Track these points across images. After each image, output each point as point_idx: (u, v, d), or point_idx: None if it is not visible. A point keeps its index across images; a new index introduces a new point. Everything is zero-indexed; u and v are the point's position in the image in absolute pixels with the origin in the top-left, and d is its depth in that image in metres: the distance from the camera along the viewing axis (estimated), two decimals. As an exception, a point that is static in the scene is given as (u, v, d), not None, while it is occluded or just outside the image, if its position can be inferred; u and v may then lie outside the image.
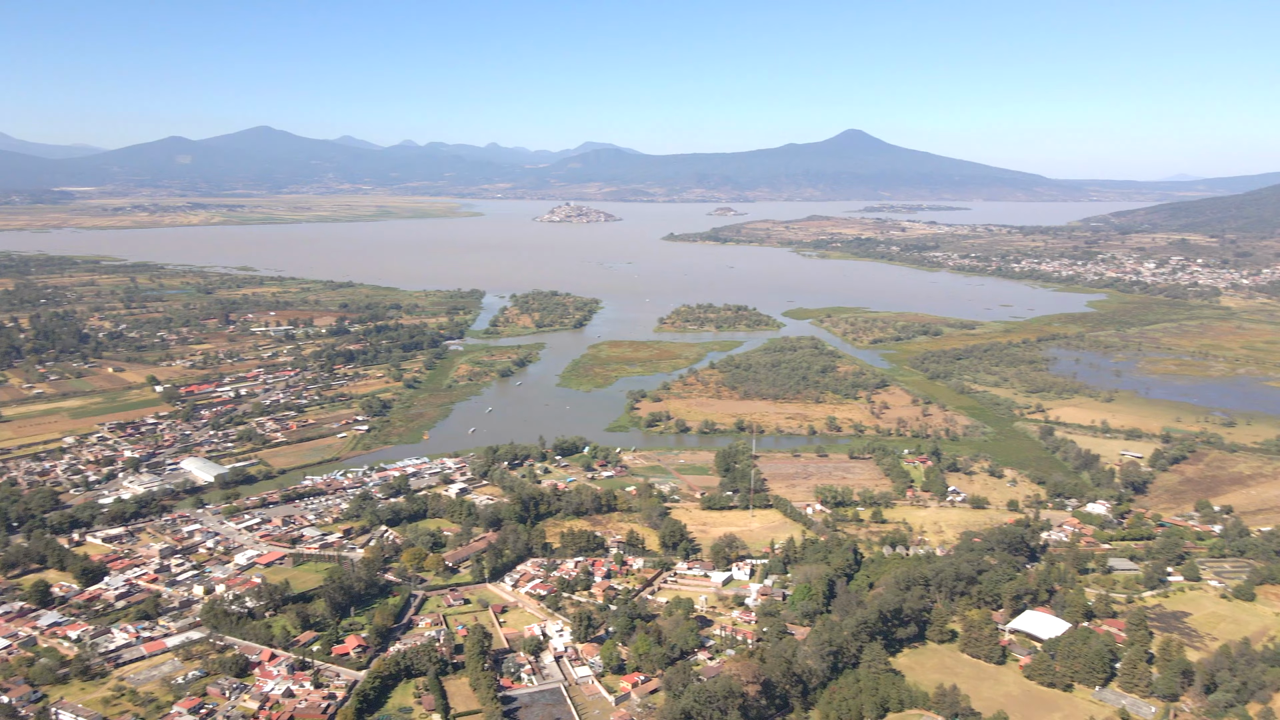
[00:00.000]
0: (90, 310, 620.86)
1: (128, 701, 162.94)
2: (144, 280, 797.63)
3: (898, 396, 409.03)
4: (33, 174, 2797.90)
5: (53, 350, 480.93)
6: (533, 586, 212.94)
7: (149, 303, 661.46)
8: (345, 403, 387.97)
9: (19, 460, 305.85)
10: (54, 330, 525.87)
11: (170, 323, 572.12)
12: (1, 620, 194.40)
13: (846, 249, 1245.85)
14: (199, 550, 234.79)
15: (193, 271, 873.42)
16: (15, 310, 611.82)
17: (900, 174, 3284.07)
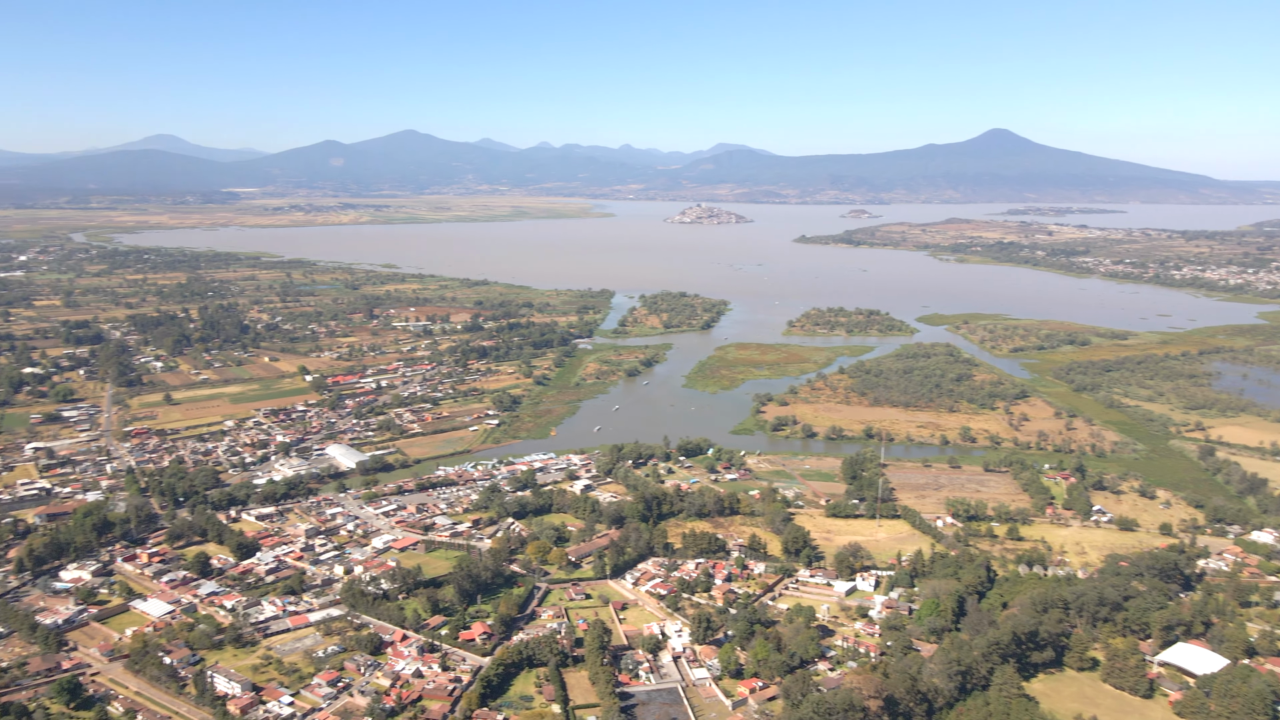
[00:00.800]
0: (250, 303, 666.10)
1: (274, 670, 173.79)
2: (298, 276, 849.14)
3: (1039, 408, 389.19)
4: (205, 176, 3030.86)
5: (217, 339, 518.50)
6: (653, 585, 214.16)
7: (302, 297, 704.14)
8: (477, 397, 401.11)
9: (186, 440, 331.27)
10: (219, 321, 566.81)
11: (320, 316, 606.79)
12: (167, 587, 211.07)
13: (987, 253, 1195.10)
14: (340, 532, 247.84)
15: (341, 268, 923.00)
16: (187, 302, 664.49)
17: (1048, 175, 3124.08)
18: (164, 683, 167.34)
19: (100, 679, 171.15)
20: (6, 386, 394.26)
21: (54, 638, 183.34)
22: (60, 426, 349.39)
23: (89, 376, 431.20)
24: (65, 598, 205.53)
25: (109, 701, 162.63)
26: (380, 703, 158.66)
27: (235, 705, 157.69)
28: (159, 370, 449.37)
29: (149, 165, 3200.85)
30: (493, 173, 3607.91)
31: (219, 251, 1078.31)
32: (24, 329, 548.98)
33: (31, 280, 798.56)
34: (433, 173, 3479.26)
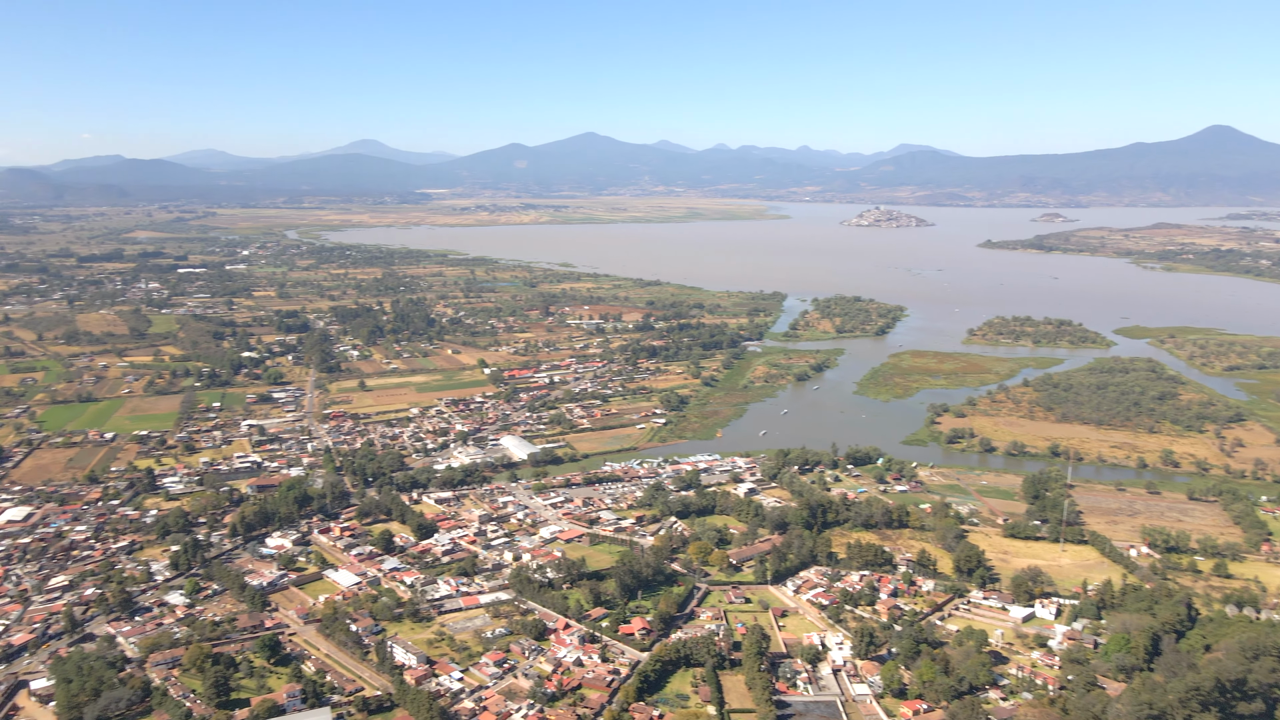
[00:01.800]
0: (437, 298, 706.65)
1: (447, 646, 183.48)
2: (481, 273, 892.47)
3: (1257, 434, 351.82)
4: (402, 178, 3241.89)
5: (406, 331, 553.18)
6: (814, 595, 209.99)
7: (484, 293, 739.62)
8: (646, 396, 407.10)
9: (376, 425, 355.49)
10: (409, 314, 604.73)
11: (500, 312, 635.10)
12: (355, 560, 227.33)
13: (1201, 261, 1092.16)
14: (510, 520, 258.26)
15: (521, 266, 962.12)
16: (381, 296, 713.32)
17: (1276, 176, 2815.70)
18: (350, 648, 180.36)
19: (296, 639, 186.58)
20: (228, 368, 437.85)
21: (259, 598, 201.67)
22: (271, 406, 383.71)
23: (296, 362, 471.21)
24: (270, 563, 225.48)
25: (303, 660, 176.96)
26: (542, 687, 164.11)
27: (411, 675, 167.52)
28: (355, 359, 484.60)
29: (353, 168, 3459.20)
30: (669, 174, 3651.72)
31: (411, 249, 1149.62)
32: (244, 317, 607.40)
33: (252, 273, 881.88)
34: (611, 174, 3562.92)
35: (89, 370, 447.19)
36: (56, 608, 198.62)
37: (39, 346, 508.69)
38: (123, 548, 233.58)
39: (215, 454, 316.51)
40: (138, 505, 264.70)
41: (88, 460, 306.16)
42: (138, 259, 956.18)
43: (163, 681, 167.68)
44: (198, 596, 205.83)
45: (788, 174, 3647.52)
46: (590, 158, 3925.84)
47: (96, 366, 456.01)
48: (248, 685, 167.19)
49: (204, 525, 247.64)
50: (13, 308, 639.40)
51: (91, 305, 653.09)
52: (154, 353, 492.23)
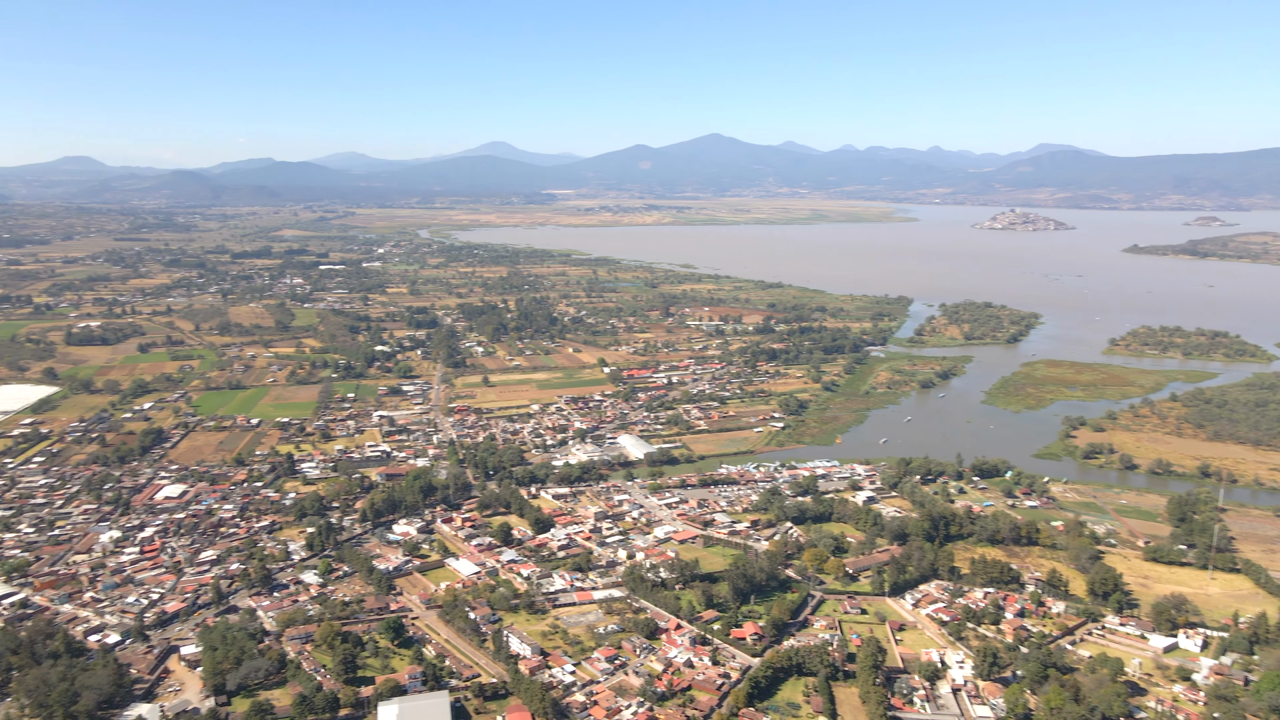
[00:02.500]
0: (559, 297, 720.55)
1: (560, 639, 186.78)
2: (603, 273, 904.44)
3: None
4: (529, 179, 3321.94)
5: (529, 329, 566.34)
6: (934, 609, 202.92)
7: (605, 293, 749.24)
8: (764, 399, 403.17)
9: (498, 419, 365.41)
10: (532, 312, 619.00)
11: (620, 312, 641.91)
12: (475, 550, 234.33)
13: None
14: (625, 518, 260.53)
15: (642, 266, 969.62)
16: (506, 294, 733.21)
17: None
18: (468, 635, 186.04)
19: (419, 623, 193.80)
20: (363, 361, 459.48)
21: (385, 582, 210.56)
22: (400, 399, 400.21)
23: (425, 357, 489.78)
24: (396, 548, 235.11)
25: (424, 644, 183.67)
26: (652, 685, 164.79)
27: (525, 665, 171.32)
28: (480, 355, 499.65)
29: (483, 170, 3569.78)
30: (793, 175, 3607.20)
31: (536, 248, 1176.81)
32: (378, 312, 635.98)
33: (386, 270, 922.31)
34: (734, 175, 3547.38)
35: (239, 359, 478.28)
36: (205, 580, 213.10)
37: (196, 336, 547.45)
38: (264, 527, 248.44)
39: (348, 442, 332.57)
40: (278, 488, 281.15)
41: (236, 443, 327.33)
42: (284, 256, 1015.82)
43: (296, 655, 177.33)
44: (330, 577, 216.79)
45: (917, 175, 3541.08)
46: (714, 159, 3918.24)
47: (245, 356, 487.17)
48: (373, 664, 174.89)
49: (337, 509, 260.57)
50: (175, 300, 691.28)
51: (242, 299, 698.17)
52: (296, 344, 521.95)
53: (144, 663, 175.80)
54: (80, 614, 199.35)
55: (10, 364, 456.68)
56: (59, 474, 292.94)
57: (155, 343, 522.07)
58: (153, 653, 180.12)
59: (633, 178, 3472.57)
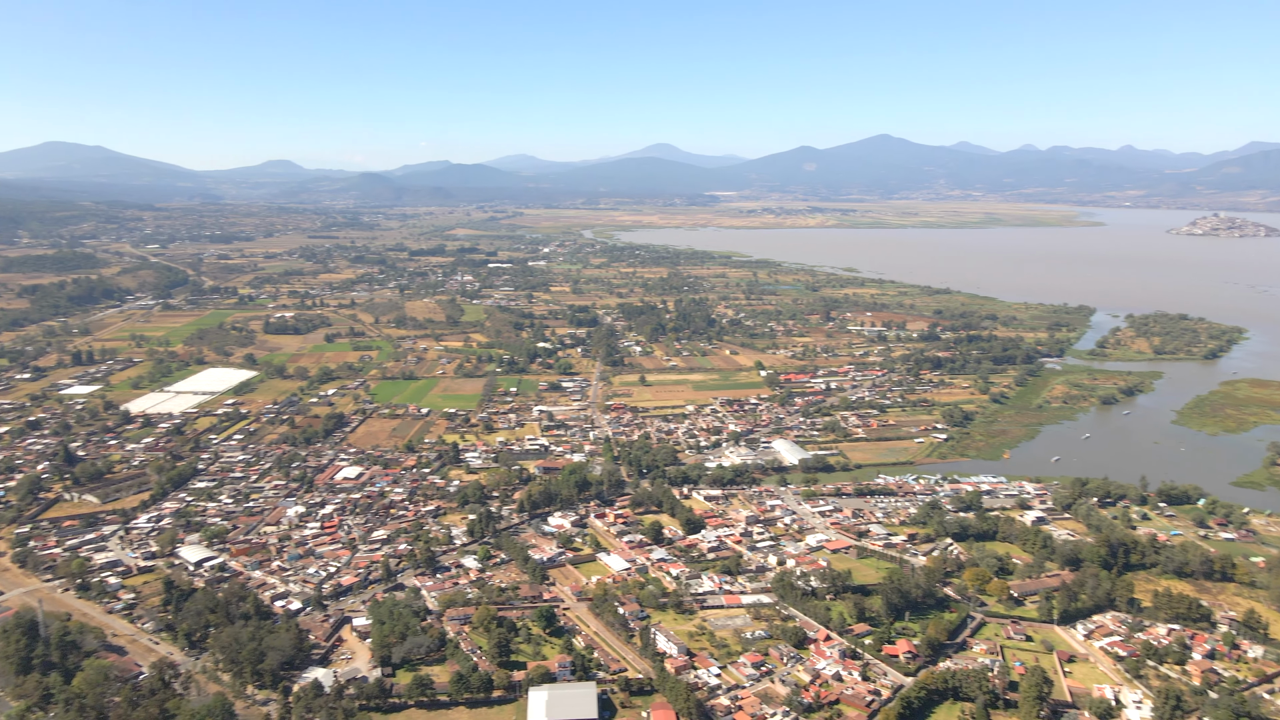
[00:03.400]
0: (718, 299, 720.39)
1: (706, 640, 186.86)
2: (763, 275, 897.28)
3: None
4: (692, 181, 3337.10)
5: (687, 330, 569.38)
6: (1109, 643, 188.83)
7: (764, 295, 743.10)
8: (926, 409, 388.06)
9: (653, 419, 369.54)
10: (690, 313, 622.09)
11: (779, 315, 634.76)
12: (626, 546, 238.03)
13: None
14: (777, 524, 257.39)
15: (803, 269, 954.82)
16: (665, 294, 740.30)
17: None
18: (616, 629, 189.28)
19: (569, 614, 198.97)
20: (525, 357, 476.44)
21: (539, 571, 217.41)
22: (559, 395, 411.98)
23: (584, 354, 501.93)
24: (550, 540, 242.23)
25: (574, 635, 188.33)
26: (799, 696, 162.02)
27: (671, 664, 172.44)
28: (637, 354, 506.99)
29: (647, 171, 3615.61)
30: (966, 177, 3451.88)
31: (696, 249, 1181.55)
32: (541, 310, 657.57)
33: (550, 269, 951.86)
34: (903, 177, 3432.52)
35: (412, 352, 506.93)
36: (376, 557, 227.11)
37: (375, 328, 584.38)
38: (430, 511, 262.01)
39: (509, 435, 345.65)
40: (444, 475, 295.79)
41: (407, 431, 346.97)
42: (456, 254, 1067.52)
43: (455, 635, 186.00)
44: (488, 563, 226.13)
45: (1105, 177, 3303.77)
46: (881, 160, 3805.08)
47: (418, 349, 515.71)
48: (525, 650, 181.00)
49: (496, 499, 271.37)
50: (358, 294, 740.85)
51: (417, 294, 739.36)
52: (464, 339, 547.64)
53: (321, 630, 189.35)
54: (268, 580, 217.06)
55: (217, 349, 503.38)
56: (254, 451, 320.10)
57: (340, 333, 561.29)
58: (329, 621, 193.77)
59: (796, 180, 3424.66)
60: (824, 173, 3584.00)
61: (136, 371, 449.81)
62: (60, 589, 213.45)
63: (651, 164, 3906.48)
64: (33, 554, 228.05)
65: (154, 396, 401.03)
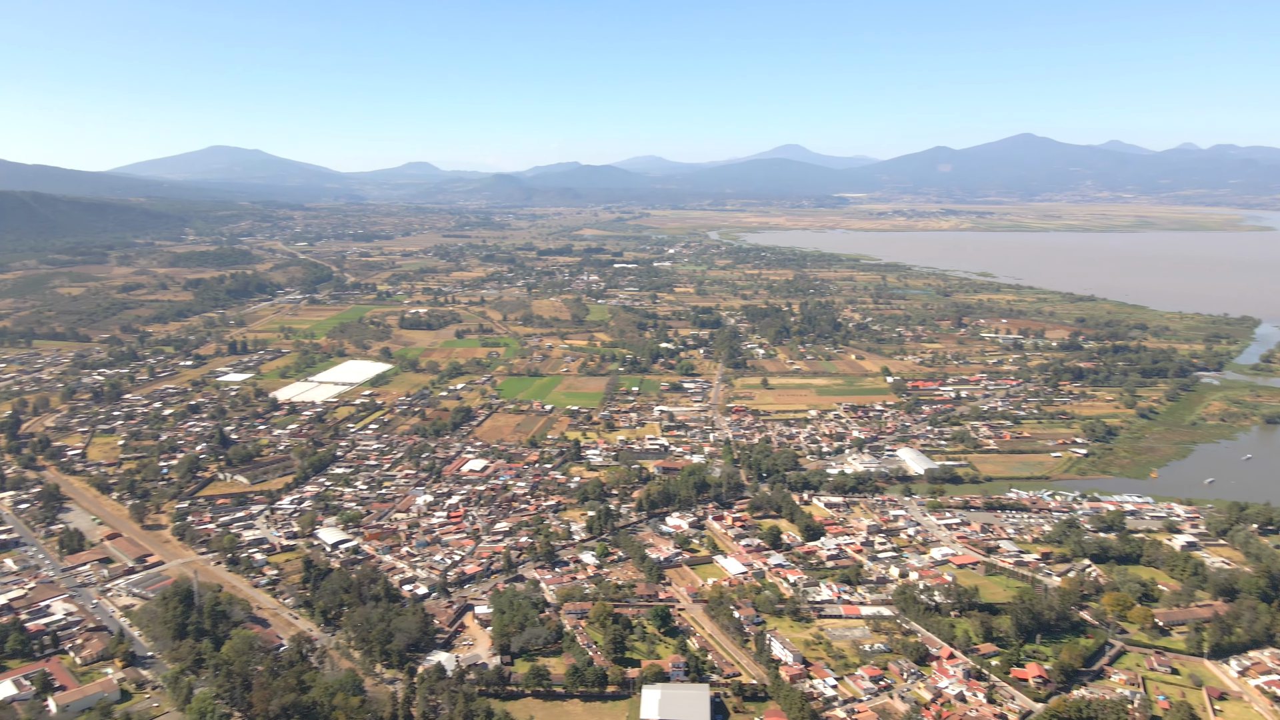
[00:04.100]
0: (845, 302, 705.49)
1: (823, 650, 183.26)
2: (891, 279, 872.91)
3: None
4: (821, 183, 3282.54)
5: (812, 334, 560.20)
6: (1267, 681, 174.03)
7: (892, 300, 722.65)
8: (1065, 422, 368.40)
9: (774, 423, 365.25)
10: (815, 317, 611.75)
11: (908, 320, 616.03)
12: (743, 550, 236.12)
13: None
14: (900, 535, 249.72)
15: (935, 274, 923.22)
16: (790, 297, 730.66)
17: None
18: (731, 633, 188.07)
19: (684, 614, 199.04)
20: (648, 357, 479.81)
21: (656, 571, 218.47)
22: (680, 395, 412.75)
23: (706, 356, 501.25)
24: (667, 539, 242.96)
25: (688, 635, 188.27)
26: (919, 714, 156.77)
27: (786, 672, 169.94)
28: (760, 357, 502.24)
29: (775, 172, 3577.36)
30: (1116, 178, 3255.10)
31: (823, 252, 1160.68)
32: (665, 310, 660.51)
33: (675, 270, 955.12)
34: (1045, 178, 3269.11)
35: (538, 349, 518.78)
36: (498, 548, 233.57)
37: (503, 325, 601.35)
38: (551, 506, 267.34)
39: (630, 433, 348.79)
40: (565, 471, 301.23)
41: (530, 426, 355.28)
42: (583, 254, 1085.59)
43: (572, 629, 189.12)
44: (605, 559, 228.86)
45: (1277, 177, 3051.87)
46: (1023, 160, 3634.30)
47: (543, 346, 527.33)
48: (639, 647, 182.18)
49: (615, 497, 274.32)
50: (487, 291, 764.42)
51: (544, 293, 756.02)
52: (588, 338, 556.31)
53: (445, 616, 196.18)
54: (398, 565, 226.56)
55: (357, 342, 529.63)
56: (388, 441, 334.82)
57: (469, 330, 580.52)
58: (452, 608, 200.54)
59: (930, 181, 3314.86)
60: (959, 174, 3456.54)
61: (284, 361, 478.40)
62: (213, 562, 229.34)
63: (779, 165, 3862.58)
64: (190, 528, 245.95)
65: (299, 385, 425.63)
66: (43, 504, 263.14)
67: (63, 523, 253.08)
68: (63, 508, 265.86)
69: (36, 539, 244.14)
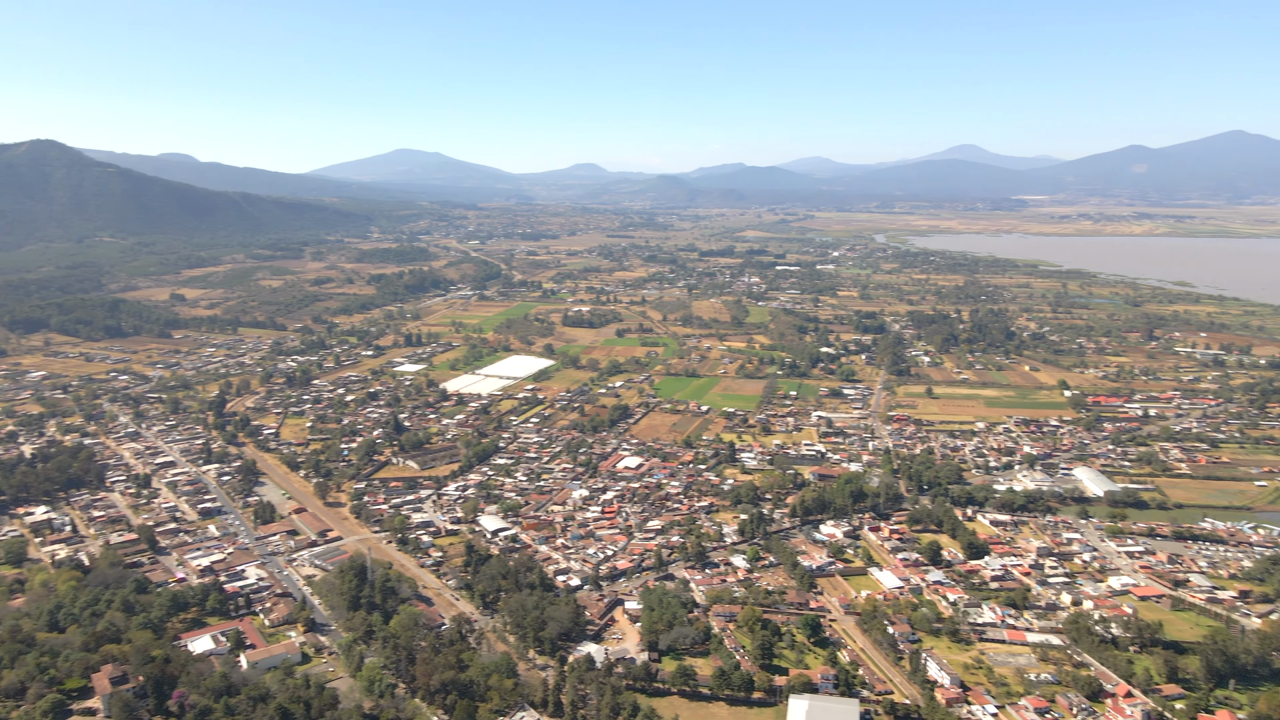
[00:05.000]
0: (1019, 311, 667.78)
1: (983, 675, 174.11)
2: (1073, 287, 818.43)
3: None
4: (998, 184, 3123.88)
5: (982, 343, 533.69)
6: None
7: (1074, 309, 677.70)
8: (1272, 447, 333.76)
9: (938, 434, 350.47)
10: (986, 325, 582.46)
11: (1090, 331, 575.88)
12: (900, 564, 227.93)
13: None
14: (1073, 560, 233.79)
15: (1123, 282, 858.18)
16: (959, 304, 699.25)
17: None
18: (884, 649, 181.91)
19: (835, 626, 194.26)
20: (807, 361, 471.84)
21: (807, 579, 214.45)
22: (839, 401, 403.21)
23: (868, 362, 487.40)
24: (820, 548, 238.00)
25: (839, 648, 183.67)
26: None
27: (942, 694, 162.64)
28: (925, 365, 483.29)
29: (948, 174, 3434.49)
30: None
31: (998, 257, 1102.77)
32: (826, 314, 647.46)
33: (838, 273, 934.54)
34: (1258, 179, 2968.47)
35: (696, 350, 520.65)
36: (650, 546, 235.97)
37: (662, 326, 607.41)
38: (703, 507, 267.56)
39: (786, 438, 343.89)
40: (719, 472, 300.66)
41: (686, 427, 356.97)
42: (744, 255, 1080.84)
43: (720, 631, 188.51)
44: (756, 564, 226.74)
45: None
46: (1231, 160, 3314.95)
47: (701, 347, 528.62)
48: (788, 655, 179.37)
49: (769, 501, 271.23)
50: (648, 291, 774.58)
51: (704, 294, 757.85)
52: (747, 340, 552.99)
53: (596, 608, 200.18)
54: (552, 555, 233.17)
55: (521, 337, 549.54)
56: (547, 435, 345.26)
57: (629, 329, 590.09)
58: (603, 601, 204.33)
59: (1121, 182, 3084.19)
60: (1156, 175, 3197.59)
61: (454, 354, 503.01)
62: (384, 540, 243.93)
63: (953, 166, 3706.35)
64: (365, 507, 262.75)
65: (467, 378, 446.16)
66: (241, 477, 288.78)
67: (257, 495, 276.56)
68: (258, 482, 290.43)
69: (235, 508, 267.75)
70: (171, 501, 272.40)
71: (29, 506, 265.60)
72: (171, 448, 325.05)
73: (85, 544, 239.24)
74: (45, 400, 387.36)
